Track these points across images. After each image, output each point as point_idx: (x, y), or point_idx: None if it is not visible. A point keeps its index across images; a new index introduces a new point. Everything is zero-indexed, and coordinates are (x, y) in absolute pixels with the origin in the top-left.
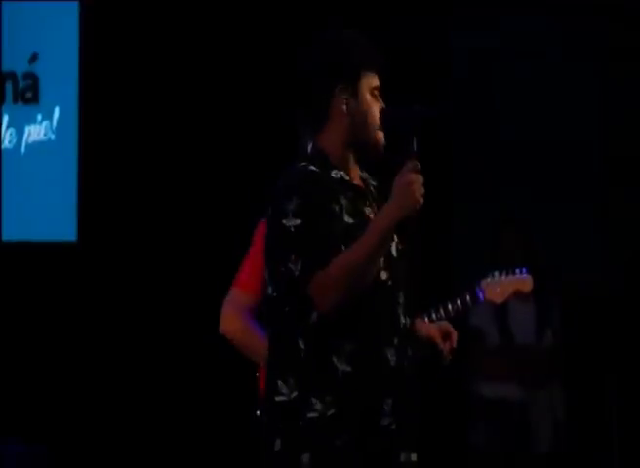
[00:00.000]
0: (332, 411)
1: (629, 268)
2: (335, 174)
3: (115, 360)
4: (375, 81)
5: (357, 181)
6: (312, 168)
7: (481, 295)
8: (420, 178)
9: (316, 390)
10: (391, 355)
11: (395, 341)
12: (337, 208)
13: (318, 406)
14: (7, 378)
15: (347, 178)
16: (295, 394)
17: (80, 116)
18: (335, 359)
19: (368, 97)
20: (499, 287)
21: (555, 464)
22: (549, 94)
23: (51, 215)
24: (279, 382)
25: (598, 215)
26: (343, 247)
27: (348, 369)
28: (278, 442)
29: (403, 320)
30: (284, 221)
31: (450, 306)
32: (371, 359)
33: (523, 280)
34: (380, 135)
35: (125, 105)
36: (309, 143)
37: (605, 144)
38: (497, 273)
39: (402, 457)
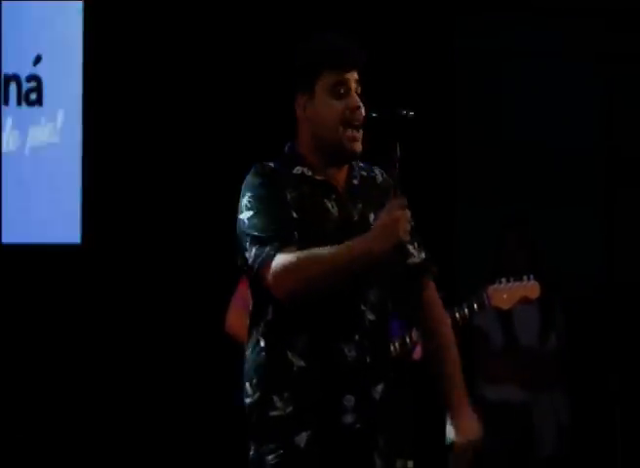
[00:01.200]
0: (290, 409)
1: (632, 270)
2: (296, 170)
3: (119, 362)
4: (335, 77)
5: (328, 177)
6: (270, 164)
7: (488, 302)
8: (406, 215)
9: (276, 387)
10: (349, 350)
11: (356, 337)
12: (284, 200)
13: (279, 403)
14: (11, 382)
15: (309, 174)
16: (258, 394)
17: (84, 118)
18: (290, 354)
19: (325, 97)
20: (506, 293)
21: (559, 467)
22: (552, 96)
23: (55, 218)
24: (247, 384)
25: (601, 217)
26: (296, 233)
27: (302, 363)
28: (252, 444)
29: (371, 317)
30: (240, 216)
31: (457, 312)
32: (324, 353)
33: (531, 287)
34: (346, 133)
35: (129, 108)
36: (289, 143)
37: (608, 146)
38: (504, 280)
39: (399, 464)
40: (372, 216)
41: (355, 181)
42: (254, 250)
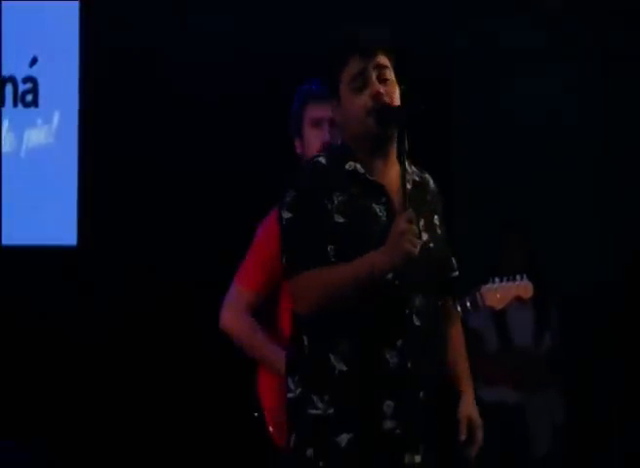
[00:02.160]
0: (331, 410)
1: (629, 270)
2: (349, 166)
3: (116, 363)
4: (354, 68)
5: (380, 177)
6: (322, 160)
7: (481, 301)
8: (413, 229)
9: (316, 388)
10: (391, 357)
11: (399, 343)
12: (329, 205)
13: (319, 404)
14: (8, 384)
15: (362, 171)
16: (299, 390)
17: (80, 120)
18: (332, 357)
19: (348, 96)
20: (499, 293)
21: (554, 466)
22: (551, 96)
23: (51, 220)
24: (289, 379)
25: (598, 217)
26: (332, 247)
27: (344, 368)
28: (292, 438)
29: (417, 322)
30: (282, 212)
31: None
32: (366, 359)
33: (524, 286)
34: (369, 122)
35: (126, 109)
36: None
37: (606, 145)
38: (497, 279)
39: (406, 458)
40: (421, 223)
41: (408, 186)
42: (285, 258)
